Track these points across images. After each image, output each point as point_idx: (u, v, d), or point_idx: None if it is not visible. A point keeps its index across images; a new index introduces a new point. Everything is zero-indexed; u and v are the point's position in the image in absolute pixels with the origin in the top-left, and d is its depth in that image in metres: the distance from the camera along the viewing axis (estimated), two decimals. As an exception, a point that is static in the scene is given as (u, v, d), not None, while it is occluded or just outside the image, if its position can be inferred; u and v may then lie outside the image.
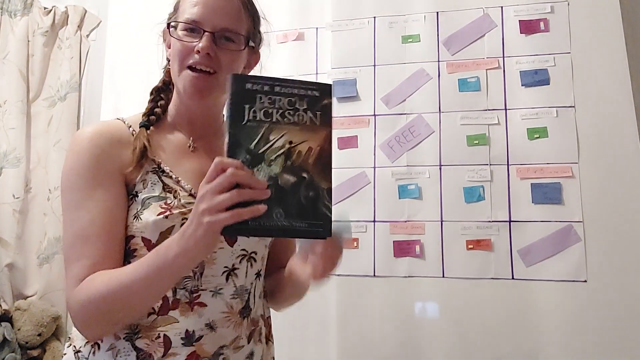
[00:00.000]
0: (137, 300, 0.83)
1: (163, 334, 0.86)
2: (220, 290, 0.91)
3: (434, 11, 1.90)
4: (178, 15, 0.97)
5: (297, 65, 1.99)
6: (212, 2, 0.94)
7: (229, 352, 0.90)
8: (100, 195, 0.88)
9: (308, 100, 0.73)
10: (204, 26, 0.93)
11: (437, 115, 1.84)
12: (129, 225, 0.89)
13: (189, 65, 0.93)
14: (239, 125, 0.69)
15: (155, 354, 0.85)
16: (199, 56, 0.92)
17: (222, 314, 0.90)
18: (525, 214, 1.72)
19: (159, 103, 1.02)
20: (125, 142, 0.93)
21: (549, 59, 1.78)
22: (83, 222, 0.87)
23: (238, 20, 0.96)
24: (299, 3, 2.03)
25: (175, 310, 0.88)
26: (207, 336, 0.88)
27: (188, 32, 0.94)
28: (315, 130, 0.73)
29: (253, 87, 0.71)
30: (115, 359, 0.86)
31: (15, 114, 2.15)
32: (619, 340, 1.58)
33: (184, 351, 0.86)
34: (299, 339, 1.79)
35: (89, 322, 0.85)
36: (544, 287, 1.66)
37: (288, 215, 0.70)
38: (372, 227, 1.82)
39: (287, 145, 0.71)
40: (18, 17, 2.24)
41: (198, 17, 0.93)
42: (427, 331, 1.72)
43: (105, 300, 0.82)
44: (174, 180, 0.92)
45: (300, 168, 0.71)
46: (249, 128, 0.69)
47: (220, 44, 0.94)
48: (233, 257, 0.94)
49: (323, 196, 0.73)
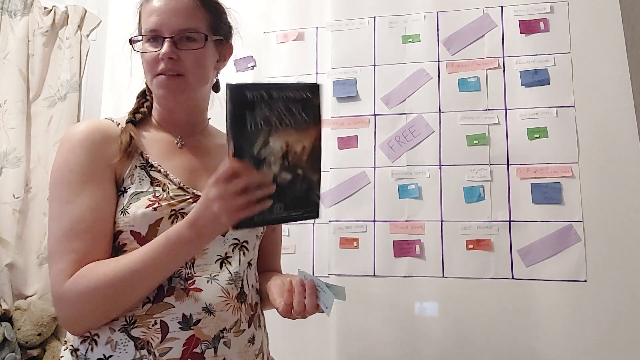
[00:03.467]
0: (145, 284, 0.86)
1: (160, 320, 0.87)
2: (216, 277, 0.93)
3: (434, 11, 1.90)
4: (141, 26, 1.00)
5: (297, 65, 1.99)
6: (164, 7, 0.96)
7: (230, 335, 0.91)
8: (90, 191, 0.89)
9: (302, 103, 0.78)
10: (162, 33, 0.95)
11: (437, 115, 1.84)
12: (116, 221, 0.90)
13: (158, 72, 0.96)
14: (242, 132, 0.73)
15: (153, 341, 0.86)
16: (164, 62, 0.95)
17: (220, 298, 0.92)
18: (525, 214, 1.72)
19: (144, 104, 1.05)
20: (114, 138, 0.95)
21: (549, 58, 1.78)
22: (72, 216, 0.87)
23: (193, 19, 0.98)
24: (299, 3, 2.03)
25: (170, 297, 0.89)
26: (205, 320, 0.89)
27: (151, 42, 0.97)
28: (308, 129, 0.79)
29: (252, 95, 0.74)
30: (114, 351, 0.86)
31: (15, 114, 2.15)
32: (618, 340, 1.58)
33: (182, 335, 0.87)
34: (298, 339, 1.79)
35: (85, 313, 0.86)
36: (544, 287, 1.66)
37: (287, 208, 0.79)
38: (372, 227, 1.82)
39: (284, 147, 0.77)
40: (18, 17, 2.24)
41: (155, 26, 0.96)
42: (427, 331, 1.72)
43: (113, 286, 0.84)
44: (162, 174, 0.95)
45: (296, 166, 0.79)
46: (251, 135, 0.74)
47: (182, 46, 0.96)
48: (225, 245, 0.97)
49: (314, 187, 0.81)
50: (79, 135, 0.92)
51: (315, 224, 1.88)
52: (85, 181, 0.89)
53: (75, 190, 0.88)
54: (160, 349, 0.86)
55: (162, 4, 0.96)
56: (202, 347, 0.88)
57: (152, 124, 1.04)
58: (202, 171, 1.00)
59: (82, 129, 0.93)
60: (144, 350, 0.86)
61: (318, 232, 1.87)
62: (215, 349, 0.89)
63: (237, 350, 0.92)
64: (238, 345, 0.92)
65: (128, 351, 0.86)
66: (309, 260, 1.85)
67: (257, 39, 2.03)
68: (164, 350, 0.86)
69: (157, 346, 0.86)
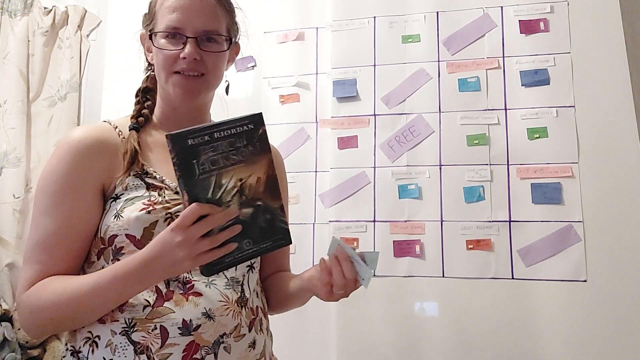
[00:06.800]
0: (90, 311, 0.86)
1: (160, 325, 0.86)
2: (213, 281, 0.92)
3: (434, 11, 1.90)
4: (156, 21, 0.98)
5: (297, 65, 1.99)
6: (188, 6, 0.95)
7: (230, 340, 0.90)
8: (70, 205, 0.89)
9: (246, 136, 0.78)
10: (185, 32, 0.94)
11: (437, 115, 1.84)
12: (110, 226, 0.90)
13: (176, 70, 0.95)
14: (192, 180, 0.74)
15: (152, 346, 0.85)
16: (186, 62, 0.94)
17: (220, 302, 0.90)
18: (525, 214, 1.72)
19: (145, 104, 1.03)
20: (112, 147, 0.93)
21: (549, 59, 1.78)
22: (47, 229, 0.89)
23: (216, 20, 0.97)
24: (299, 3, 2.03)
25: (170, 301, 0.88)
26: (205, 325, 0.88)
27: (170, 39, 0.95)
28: (258, 161, 0.79)
29: (194, 141, 0.75)
30: (114, 354, 0.86)
31: (15, 114, 2.15)
32: (618, 340, 1.58)
33: (182, 341, 0.86)
34: (298, 339, 1.79)
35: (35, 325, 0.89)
36: (544, 287, 1.66)
37: (255, 242, 0.80)
38: (372, 227, 1.82)
39: (238, 184, 0.77)
40: (18, 17, 2.24)
41: (178, 24, 0.94)
42: (427, 331, 1.72)
43: (58, 309, 0.85)
44: (158, 180, 0.94)
45: (254, 199, 0.79)
46: (201, 181, 0.75)
47: (204, 46, 0.95)
48: None
49: (278, 214, 0.81)
50: (71, 144, 0.91)
51: (315, 224, 1.88)
52: (66, 194, 0.89)
53: (55, 202, 0.89)
54: (160, 355, 0.85)
55: (186, 2, 0.95)
56: (202, 353, 0.87)
57: (152, 124, 1.02)
58: None
59: (76, 136, 0.92)
60: (143, 355, 0.85)
61: (318, 232, 1.87)
62: (215, 354, 0.88)
63: (237, 355, 0.91)
64: (238, 350, 0.91)
65: (127, 355, 0.85)
66: (309, 260, 1.85)
67: (257, 39, 2.03)
68: (163, 355, 0.85)
69: (156, 351, 0.85)
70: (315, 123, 1.95)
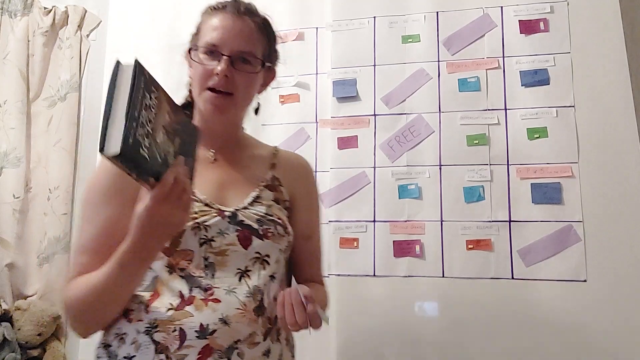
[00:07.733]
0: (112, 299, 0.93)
1: (179, 328, 0.91)
2: (234, 289, 0.95)
3: (434, 11, 1.90)
4: (200, 37, 1.05)
5: (297, 65, 1.99)
6: (229, 26, 1.02)
7: (243, 347, 0.93)
8: (107, 213, 0.97)
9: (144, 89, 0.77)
10: (222, 50, 1.00)
11: (437, 115, 1.84)
12: None
13: (209, 87, 1.01)
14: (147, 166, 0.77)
15: (171, 346, 0.90)
16: (218, 78, 0.99)
17: (237, 309, 0.94)
18: (525, 214, 1.72)
19: None
20: None
21: (548, 58, 1.78)
22: (88, 235, 0.98)
23: (254, 43, 1.04)
24: (299, 3, 2.03)
25: (190, 306, 0.93)
26: (220, 330, 0.92)
27: (208, 55, 1.02)
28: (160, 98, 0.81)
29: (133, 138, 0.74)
30: (137, 351, 0.92)
31: (15, 114, 2.15)
32: (618, 340, 1.58)
33: (198, 344, 0.91)
34: (298, 339, 1.79)
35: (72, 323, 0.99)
36: (544, 287, 1.66)
37: None
38: (372, 227, 1.82)
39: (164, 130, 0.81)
40: (18, 17, 2.24)
41: (217, 42, 1.01)
42: (427, 331, 1.72)
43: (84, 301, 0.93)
44: None
45: (175, 128, 0.84)
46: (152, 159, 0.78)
47: (238, 66, 1.01)
48: (246, 259, 0.99)
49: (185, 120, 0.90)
50: None
51: (315, 224, 1.88)
52: (104, 203, 0.98)
53: (95, 210, 0.99)
54: (177, 355, 0.90)
55: (228, 23, 1.02)
56: (216, 357, 0.91)
57: None
58: (230, 184, 1.05)
59: None
60: (162, 354, 0.90)
61: (318, 232, 1.87)
62: (228, 359, 0.92)
63: None
64: (251, 357, 0.94)
65: (148, 354, 0.91)
66: (309, 260, 1.84)
67: (257, 39, 2.03)
68: (180, 356, 0.90)
69: (174, 352, 0.90)
70: (315, 123, 1.95)
